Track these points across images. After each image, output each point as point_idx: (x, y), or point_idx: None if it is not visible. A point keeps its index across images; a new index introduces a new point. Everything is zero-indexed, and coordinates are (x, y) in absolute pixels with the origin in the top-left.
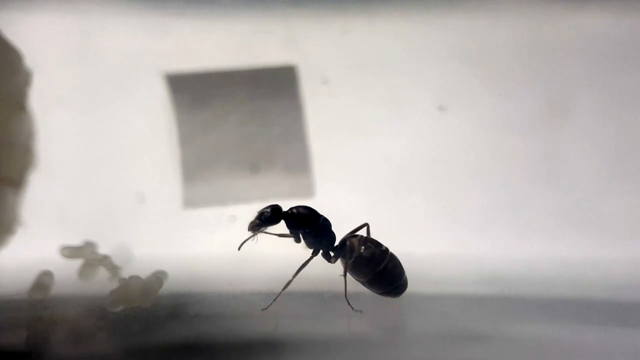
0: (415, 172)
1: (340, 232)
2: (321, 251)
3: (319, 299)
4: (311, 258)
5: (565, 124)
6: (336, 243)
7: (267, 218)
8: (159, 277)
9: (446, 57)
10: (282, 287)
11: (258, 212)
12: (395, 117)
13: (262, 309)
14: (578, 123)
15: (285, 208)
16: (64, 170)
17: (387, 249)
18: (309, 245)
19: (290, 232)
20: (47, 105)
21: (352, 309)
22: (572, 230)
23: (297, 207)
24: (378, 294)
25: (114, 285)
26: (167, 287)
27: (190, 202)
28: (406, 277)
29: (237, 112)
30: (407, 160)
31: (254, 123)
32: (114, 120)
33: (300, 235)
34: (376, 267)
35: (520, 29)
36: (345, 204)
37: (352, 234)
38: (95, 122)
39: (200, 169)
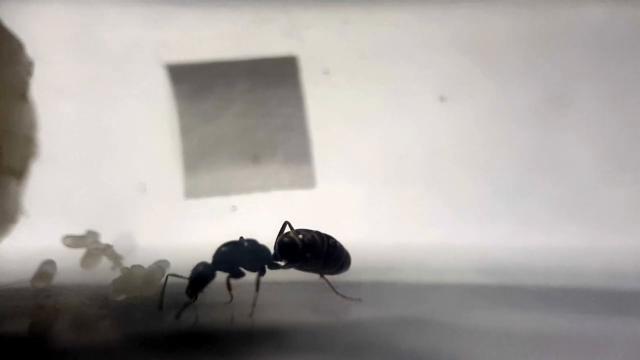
0: (415, 162)
1: (340, 225)
2: (266, 266)
3: (323, 288)
4: (260, 278)
5: (565, 114)
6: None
7: (201, 279)
8: (161, 266)
9: (447, 47)
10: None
11: (189, 279)
12: (396, 108)
13: (249, 315)
14: (578, 113)
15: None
16: (65, 160)
17: (317, 231)
18: (253, 271)
19: (231, 274)
20: (48, 95)
21: (350, 299)
22: (572, 220)
23: (217, 252)
24: (331, 274)
25: (117, 274)
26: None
27: (191, 192)
28: (347, 250)
29: (237, 103)
30: (408, 151)
31: (254, 113)
32: (115, 110)
33: (240, 269)
34: (321, 248)
35: (521, 19)
36: (346, 194)
37: (282, 234)
38: (96, 112)
39: (201, 159)
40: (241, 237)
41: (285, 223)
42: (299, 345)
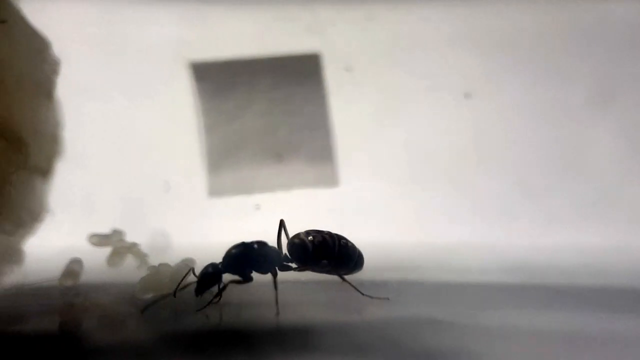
0: (439, 160)
1: (363, 223)
2: (277, 268)
3: (347, 287)
4: (276, 279)
5: (591, 111)
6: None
7: (208, 280)
8: (187, 264)
9: (472, 43)
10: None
11: (198, 277)
12: (420, 105)
13: (276, 314)
14: (605, 110)
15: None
16: (90, 159)
17: (328, 231)
18: (264, 273)
19: (241, 276)
20: (73, 94)
21: (378, 298)
22: (598, 218)
23: (226, 254)
24: (344, 275)
25: (143, 272)
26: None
27: (215, 191)
28: (359, 250)
29: (260, 101)
30: (432, 148)
31: (277, 111)
32: (139, 109)
33: (251, 272)
34: (333, 249)
35: (548, 15)
36: (369, 193)
37: (293, 236)
38: (120, 110)
39: (225, 158)
40: (259, 241)
41: (281, 222)
42: (323, 344)
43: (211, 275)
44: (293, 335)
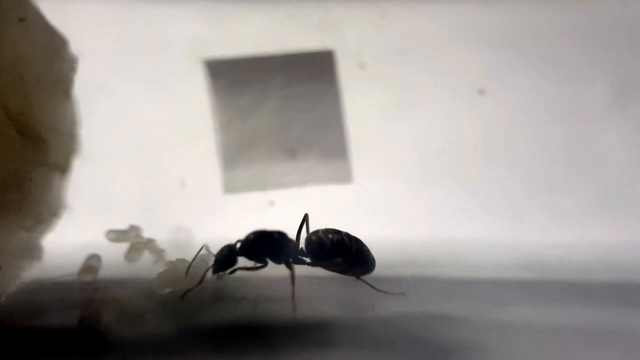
0: (453, 157)
1: (376, 219)
2: (291, 260)
3: (361, 284)
4: (293, 274)
5: (602, 108)
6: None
7: (224, 261)
8: (204, 260)
9: (485, 39)
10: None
11: (214, 259)
12: (433, 102)
13: (293, 309)
14: (615, 107)
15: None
16: (107, 156)
17: (346, 232)
18: (278, 263)
19: (255, 262)
20: (89, 92)
21: (393, 294)
22: (609, 214)
23: (246, 238)
24: (357, 276)
25: (160, 268)
26: None
27: (230, 188)
28: (372, 254)
29: (274, 98)
30: (445, 145)
31: (291, 108)
32: (154, 106)
33: (266, 259)
34: (350, 249)
35: (561, 12)
36: (382, 189)
37: (311, 233)
38: (136, 108)
39: (239, 155)
40: (280, 231)
41: (306, 216)
42: (339, 338)
43: (227, 256)
44: (309, 330)
